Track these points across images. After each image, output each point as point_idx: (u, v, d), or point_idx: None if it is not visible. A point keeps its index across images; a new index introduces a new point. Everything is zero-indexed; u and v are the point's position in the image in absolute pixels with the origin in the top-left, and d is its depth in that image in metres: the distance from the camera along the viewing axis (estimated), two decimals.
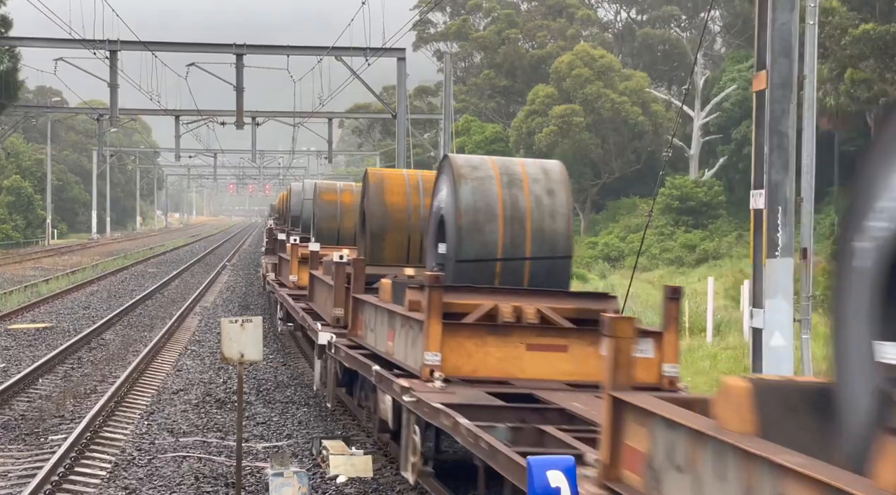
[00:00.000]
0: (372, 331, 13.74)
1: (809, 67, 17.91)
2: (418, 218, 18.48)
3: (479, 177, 13.01)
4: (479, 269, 12.94)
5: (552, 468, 5.64)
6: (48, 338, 26.67)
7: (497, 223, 12.89)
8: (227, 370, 21.55)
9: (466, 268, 12.97)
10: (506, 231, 12.82)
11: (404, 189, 18.90)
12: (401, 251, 18.60)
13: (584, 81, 69.29)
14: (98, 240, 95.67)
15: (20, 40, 49.18)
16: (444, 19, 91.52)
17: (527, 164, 13.47)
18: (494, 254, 12.80)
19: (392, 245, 18.57)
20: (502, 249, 12.76)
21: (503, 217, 12.91)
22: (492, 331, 11.10)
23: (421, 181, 19.07)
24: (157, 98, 54.30)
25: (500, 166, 13.35)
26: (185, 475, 13.39)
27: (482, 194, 12.96)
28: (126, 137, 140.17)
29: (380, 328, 13.28)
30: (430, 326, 10.89)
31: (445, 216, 13.49)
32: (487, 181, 13.08)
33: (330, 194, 27.84)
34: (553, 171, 13.51)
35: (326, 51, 42.30)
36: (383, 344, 12.97)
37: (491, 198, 12.96)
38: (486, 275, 12.98)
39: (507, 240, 12.84)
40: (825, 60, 43.45)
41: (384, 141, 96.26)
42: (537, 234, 12.95)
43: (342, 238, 26.80)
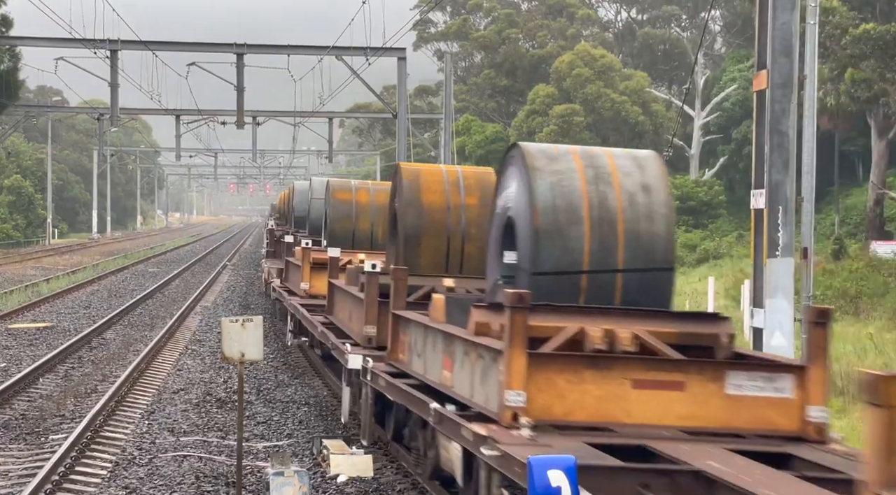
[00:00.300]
0: (419, 356, 11.51)
1: (810, 67, 17.92)
2: (459, 220, 16.28)
3: (559, 170, 10.73)
4: (560, 283, 10.52)
5: (553, 467, 5.64)
6: (49, 337, 26.68)
7: (582, 226, 10.51)
8: (228, 369, 21.55)
9: (544, 282, 10.46)
10: (593, 236, 10.54)
11: (442, 186, 16.48)
12: (438, 258, 16.20)
13: (584, 81, 69.28)
14: (98, 239, 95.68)
15: (21, 40, 49.19)
16: (444, 19, 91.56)
17: (615, 155, 11.23)
18: (580, 264, 10.48)
19: (429, 251, 16.15)
20: (589, 258, 10.50)
21: (590, 218, 10.55)
22: (590, 364, 8.83)
23: (461, 177, 16.67)
24: (158, 97, 54.31)
25: (584, 157, 11.05)
26: (186, 474, 13.40)
27: (563, 191, 10.61)
28: (126, 137, 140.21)
29: (431, 354, 11.05)
30: (513, 358, 8.60)
31: (515, 218, 10.96)
32: (569, 175, 10.75)
33: (344, 193, 24.92)
34: (649, 163, 11.08)
35: (327, 50, 42.30)
36: (436, 373, 10.85)
37: (574, 196, 10.62)
38: (569, 290, 10.56)
39: (594, 246, 10.55)
40: (825, 60, 43.44)
41: (384, 140, 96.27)
42: (631, 240, 10.59)
43: (358, 240, 24.38)
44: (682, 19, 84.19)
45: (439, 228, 16.22)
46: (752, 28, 16.71)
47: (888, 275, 36.46)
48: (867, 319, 29.60)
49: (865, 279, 35.67)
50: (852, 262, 39.58)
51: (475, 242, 15.98)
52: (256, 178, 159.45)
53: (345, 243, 23.63)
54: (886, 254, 41.43)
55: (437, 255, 16.18)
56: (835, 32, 43.03)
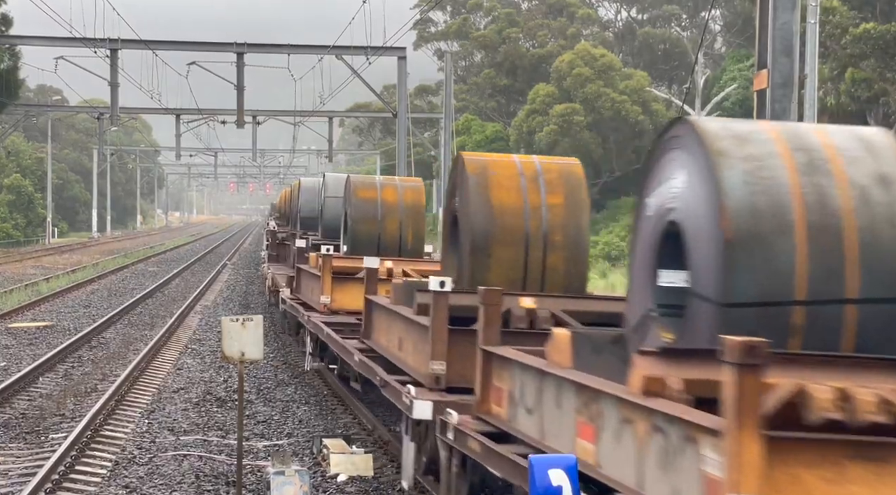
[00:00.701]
0: (529, 412, 8.35)
1: (810, 66, 17.94)
2: (539, 224, 12.92)
3: (754, 155, 7.54)
4: (765, 319, 7.33)
5: (554, 466, 5.63)
6: (48, 336, 26.68)
7: (793, 236, 7.33)
8: (228, 369, 21.55)
9: (740, 317, 7.26)
10: (811, 250, 7.41)
11: (517, 182, 13.11)
12: (514, 272, 12.90)
13: (584, 80, 69.28)
14: (98, 238, 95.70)
15: (21, 39, 49.21)
16: (444, 18, 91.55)
17: (830, 133, 7.83)
18: (790, 290, 7.30)
19: (501, 264, 12.83)
20: (807, 283, 7.32)
21: (805, 225, 7.35)
22: (856, 454, 5.56)
23: (541, 171, 13.26)
24: (158, 97, 54.38)
25: (788, 136, 7.76)
26: (186, 473, 13.40)
27: (764, 185, 7.39)
28: (126, 136, 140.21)
29: (553, 412, 7.88)
30: (742, 447, 5.38)
31: (684, 223, 7.76)
32: (769, 161, 7.50)
33: (368, 190, 21.71)
34: (881, 144, 7.71)
35: (327, 50, 42.31)
36: (564, 440, 7.64)
37: (780, 192, 7.41)
38: (776, 327, 7.31)
39: (813, 266, 7.35)
40: (825, 60, 43.45)
41: (384, 140, 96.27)
42: (868, 256, 7.32)
43: (384, 246, 21.31)
44: (683, 19, 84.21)
45: (515, 235, 12.93)
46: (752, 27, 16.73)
47: None
48: None
49: None
50: None
51: (560, 252, 12.95)
52: (256, 178, 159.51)
53: (369, 249, 20.76)
54: None
55: (512, 269, 12.88)
56: (835, 32, 43.05)
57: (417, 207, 21.89)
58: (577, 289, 12.93)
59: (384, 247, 21.31)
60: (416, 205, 21.87)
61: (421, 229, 22.00)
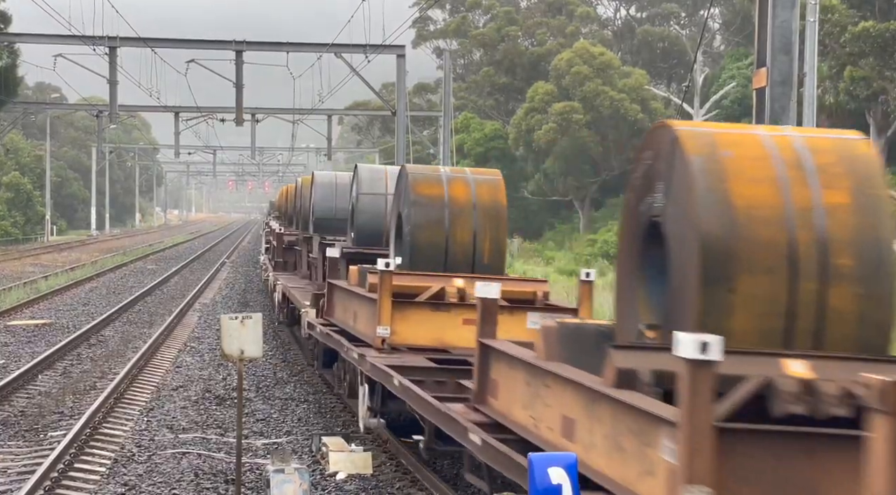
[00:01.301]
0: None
1: (809, 65, 17.93)
2: (813, 238, 7.26)
3: None
4: None
5: (554, 465, 5.64)
6: (47, 334, 26.67)
7: None
8: (227, 367, 21.55)
9: None
10: None
11: (771, 171, 7.41)
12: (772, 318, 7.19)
13: (583, 79, 69.28)
14: (97, 236, 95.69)
15: (19, 36, 49.21)
16: (443, 16, 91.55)
17: None
18: None
19: (750, 301, 7.16)
20: None
21: None
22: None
23: (807, 153, 7.55)
24: (157, 95, 54.36)
25: None
26: (185, 471, 13.40)
27: None
28: (125, 134, 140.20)
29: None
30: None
31: None
32: None
33: (431, 185, 16.40)
34: None
35: (326, 47, 42.31)
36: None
37: None
38: None
39: None
40: (824, 58, 43.46)
41: (383, 138, 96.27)
42: None
43: (453, 259, 16.00)
44: (682, 17, 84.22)
45: (772, 254, 7.20)
46: (751, 26, 16.72)
47: None
48: None
49: None
50: None
51: (852, 286, 7.19)
52: (255, 176, 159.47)
53: (434, 262, 15.83)
54: None
55: (768, 312, 7.15)
56: (834, 30, 43.07)
57: (496, 208, 16.34)
58: (878, 347, 7.31)
59: (452, 261, 16.05)
60: (493, 205, 16.37)
61: (501, 238, 16.33)
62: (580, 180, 70.56)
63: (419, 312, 13.21)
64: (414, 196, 16.15)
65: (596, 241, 64.49)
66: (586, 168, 71.81)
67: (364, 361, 12.65)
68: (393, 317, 13.17)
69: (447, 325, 12.95)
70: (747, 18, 65.57)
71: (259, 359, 15.17)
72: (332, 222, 26.16)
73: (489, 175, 17.02)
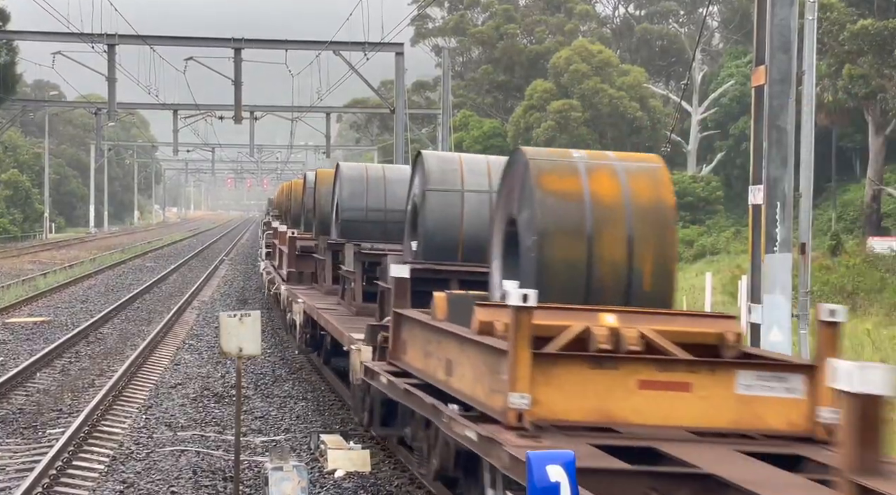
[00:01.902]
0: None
1: (808, 63, 17.92)
2: None
3: None
4: None
5: (552, 462, 5.64)
6: (46, 332, 26.67)
7: None
8: (225, 364, 21.56)
9: None
10: None
11: None
12: None
13: (581, 76, 69.29)
14: (96, 234, 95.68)
15: (18, 34, 49.16)
16: (442, 14, 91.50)
17: None
18: None
19: None
20: None
21: None
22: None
23: None
24: (156, 92, 54.34)
25: None
26: (184, 469, 13.40)
27: None
28: (124, 132, 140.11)
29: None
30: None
31: None
32: None
33: (563, 176, 10.90)
34: None
35: (325, 45, 42.30)
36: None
37: None
38: None
39: None
40: (823, 56, 43.46)
41: (382, 136, 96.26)
42: None
43: (598, 285, 10.64)
44: (680, 15, 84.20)
45: None
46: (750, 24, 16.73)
47: (885, 271, 36.47)
48: (864, 315, 29.61)
49: (862, 275, 35.68)
50: (849, 258, 39.60)
51: None
52: (254, 173, 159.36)
53: (570, 289, 10.48)
54: (883, 250, 41.45)
55: None
56: (832, 28, 43.05)
57: (659, 210, 10.81)
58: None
59: (597, 287, 10.55)
60: (655, 204, 10.81)
61: (668, 253, 10.80)
62: None
63: (572, 370, 8.48)
64: (539, 192, 10.62)
65: None
66: None
67: (496, 449, 7.97)
68: (534, 378, 8.43)
69: (615, 390, 8.44)
70: (746, 16, 65.57)
71: (258, 357, 15.20)
72: (362, 225, 21.75)
73: (644, 161, 11.38)
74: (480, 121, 79.60)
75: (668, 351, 8.85)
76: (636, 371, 8.49)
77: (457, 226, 15.79)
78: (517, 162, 11.17)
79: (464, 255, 15.24)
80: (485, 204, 15.58)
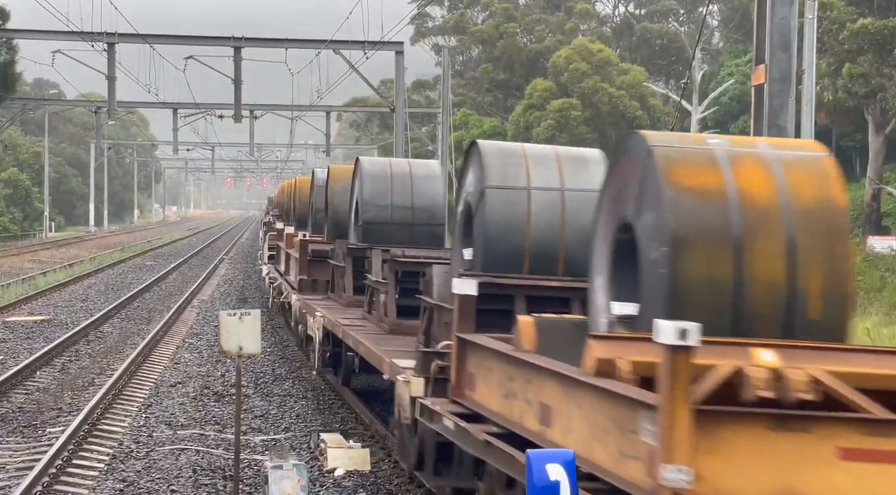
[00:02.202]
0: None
1: (808, 62, 17.92)
2: None
3: None
4: None
5: (551, 461, 5.64)
6: (46, 330, 26.67)
7: None
8: (225, 363, 21.56)
9: None
10: None
11: None
12: None
13: (581, 75, 69.28)
14: (95, 233, 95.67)
15: (18, 32, 49.11)
16: (442, 13, 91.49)
17: None
18: None
19: None
20: None
21: None
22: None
23: None
24: (155, 91, 54.34)
25: None
26: (183, 467, 13.40)
27: None
28: (124, 130, 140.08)
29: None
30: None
31: None
32: None
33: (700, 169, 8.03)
34: None
35: (324, 44, 42.28)
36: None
37: None
38: None
39: None
40: (823, 55, 43.46)
41: (382, 135, 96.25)
42: None
43: (749, 311, 7.77)
44: (680, 14, 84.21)
45: None
46: (750, 23, 16.72)
47: (885, 271, 36.49)
48: (864, 314, 29.62)
49: (862, 274, 35.70)
50: None
51: None
52: (254, 172, 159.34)
53: (713, 316, 7.62)
54: (883, 249, 41.47)
55: None
56: (832, 27, 43.07)
57: (829, 213, 8.12)
58: None
59: (749, 313, 7.88)
60: (822, 205, 8.12)
61: (842, 269, 8.04)
62: None
63: (746, 432, 6.15)
64: (670, 189, 7.98)
65: None
66: None
67: None
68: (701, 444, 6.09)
69: (805, 460, 6.16)
70: (746, 15, 65.57)
71: (257, 356, 15.19)
72: (386, 227, 19.36)
73: (803, 148, 8.70)
74: (480, 120, 79.58)
75: (852, 401, 6.47)
76: (834, 434, 6.11)
77: (522, 232, 12.78)
78: (634, 150, 8.50)
79: (531, 267, 12.58)
80: (554, 205, 12.87)
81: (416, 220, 19.33)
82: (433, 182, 17.74)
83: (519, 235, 12.82)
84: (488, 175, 12.96)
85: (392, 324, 15.37)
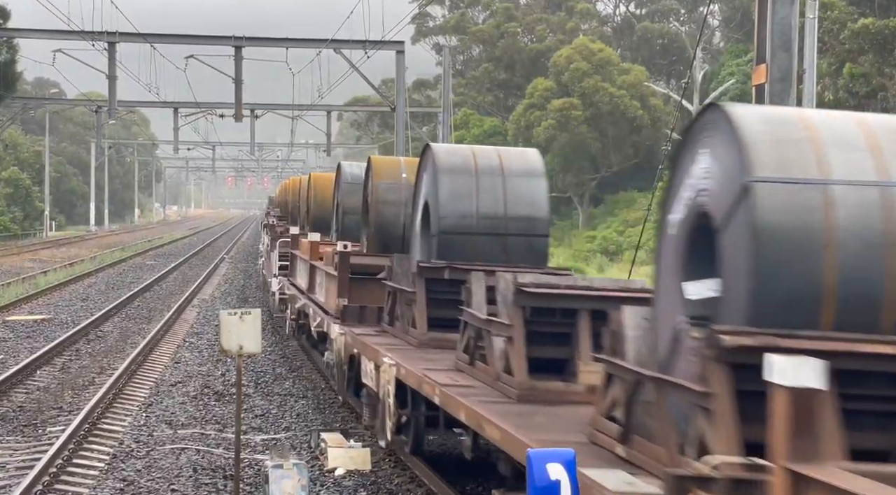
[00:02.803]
0: None
1: (809, 61, 17.91)
2: None
3: None
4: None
5: (552, 460, 5.63)
6: (46, 329, 26.66)
7: None
8: (226, 362, 21.55)
9: None
10: None
11: None
12: None
13: (582, 75, 69.26)
14: (96, 232, 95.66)
15: (18, 31, 49.09)
16: (442, 13, 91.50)
17: None
18: None
19: None
20: None
21: None
22: None
23: None
24: (156, 90, 54.35)
25: None
26: (184, 467, 13.40)
27: None
28: (124, 130, 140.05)
29: None
30: None
31: None
32: None
33: None
34: None
35: (325, 43, 42.26)
36: None
37: None
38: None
39: None
40: (824, 55, 43.45)
41: (382, 134, 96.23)
42: None
43: None
44: (681, 13, 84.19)
45: None
46: (750, 22, 16.72)
47: None
48: None
49: None
50: None
51: None
52: (254, 172, 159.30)
53: None
54: None
55: None
56: (833, 27, 43.06)
57: None
58: None
59: None
60: None
61: None
62: (579, 177, 70.52)
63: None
64: None
65: (595, 238, 64.50)
66: (585, 164, 71.81)
67: None
68: None
69: None
70: (747, 15, 65.56)
71: (258, 355, 15.16)
72: (469, 240, 14.58)
73: None
74: (481, 119, 79.58)
75: None
76: None
77: (818, 255, 6.55)
78: None
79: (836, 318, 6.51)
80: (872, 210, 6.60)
81: (510, 230, 14.61)
82: (532, 180, 14.23)
83: (814, 262, 6.58)
84: (754, 159, 6.64)
85: (522, 387, 9.82)
